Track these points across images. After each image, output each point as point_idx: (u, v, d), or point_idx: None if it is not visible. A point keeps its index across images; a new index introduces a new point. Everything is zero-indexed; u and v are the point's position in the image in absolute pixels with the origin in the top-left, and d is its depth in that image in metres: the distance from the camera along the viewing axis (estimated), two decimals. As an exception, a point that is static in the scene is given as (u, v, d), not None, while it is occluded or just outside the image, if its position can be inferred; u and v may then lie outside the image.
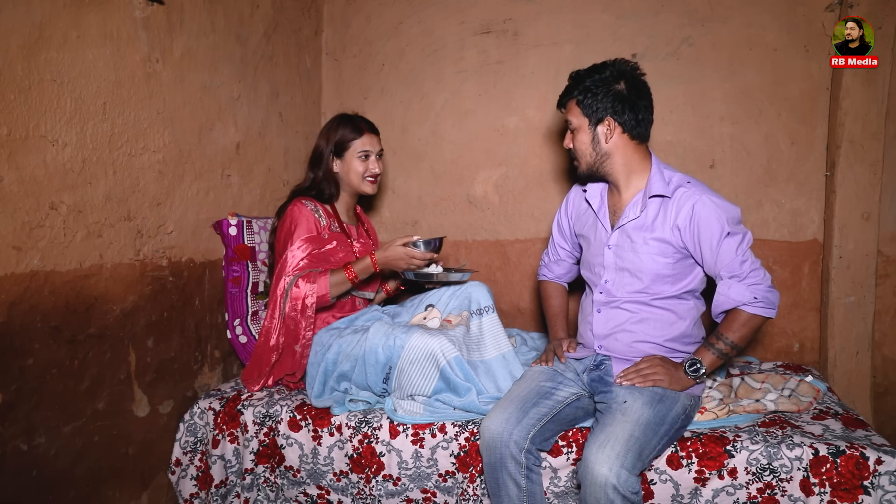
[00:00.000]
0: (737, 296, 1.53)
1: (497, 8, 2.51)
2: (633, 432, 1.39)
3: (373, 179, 2.02)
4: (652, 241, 1.59)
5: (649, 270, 1.60)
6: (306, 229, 1.86)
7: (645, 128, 1.62)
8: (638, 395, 1.49)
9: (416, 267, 1.87)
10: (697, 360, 1.56)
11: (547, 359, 1.76)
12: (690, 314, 1.66)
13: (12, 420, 1.37)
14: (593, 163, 1.64)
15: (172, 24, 1.79)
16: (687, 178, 1.61)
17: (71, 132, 1.47)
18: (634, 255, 1.61)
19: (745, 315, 1.54)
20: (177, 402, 1.89)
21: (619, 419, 1.43)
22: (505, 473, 1.48)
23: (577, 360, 1.73)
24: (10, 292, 1.35)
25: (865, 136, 2.12)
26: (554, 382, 1.63)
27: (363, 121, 2.01)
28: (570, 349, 1.79)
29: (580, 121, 1.62)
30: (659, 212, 1.59)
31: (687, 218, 1.55)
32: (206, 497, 1.83)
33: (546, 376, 1.65)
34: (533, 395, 1.57)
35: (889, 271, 2.21)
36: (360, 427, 1.71)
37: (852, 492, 1.40)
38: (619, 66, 1.59)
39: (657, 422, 1.44)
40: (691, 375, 1.55)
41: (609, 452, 1.34)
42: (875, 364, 2.23)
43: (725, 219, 1.53)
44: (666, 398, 1.50)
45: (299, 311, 1.79)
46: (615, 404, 1.49)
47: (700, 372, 1.55)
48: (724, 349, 1.56)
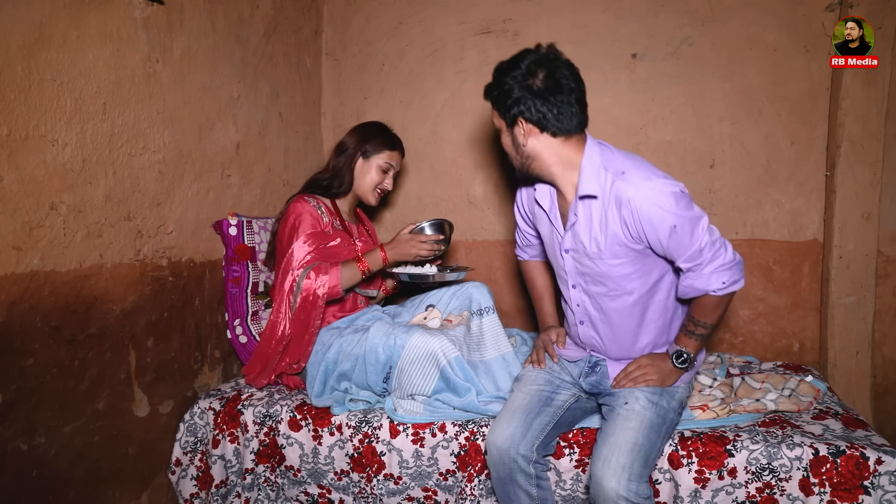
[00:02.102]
0: (703, 285, 1.43)
1: (497, 8, 2.51)
2: (636, 440, 1.37)
3: (380, 193, 2.07)
4: (602, 243, 1.45)
5: (611, 274, 1.49)
6: (310, 225, 1.87)
7: (569, 120, 1.42)
8: (638, 395, 1.48)
9: (427, 251, 1.90)
10: (682, 349, 1.52)
11: (539, 359, 1.70)
12: (673, 300, 1.57)
13: (12, 420, 1.37)
14: (521, 166, 1.52)
15: (172, 24, 1.79)
16: (626, 162, 1.43)
17: (71, 132, 1.47)
18: (590, 260, 1.50)
19: (715, 299, 1.45)
20: (177, 402, 1.89)
21: (622, 426, 1.41)
22: (515, 486, 1.47)
23: (571, 362, 1.68)
24: (10, 292, 1.35)
25: (865, 136, 2.12)
26: (552, 387, 1.60)
27: (398, 139, 2.09)
28: (560, 343, 1.72)
29: (499, 122, 1.51)
30: (602, 212, 1.44)
31: (629, 213, 1.39)
32: (206, 497, 1.83)
33: (544, 380, 1.62)
34: (535, 403, 1.54)
35: (889, 271, 2.21)
36: (360, 426, 1.71)
37: (852, 492, 1.40)
38: (536, 56, 1.42)
39: (659, 422, 1.43)
40: (680, 366, 1.52)
41: (615, 466, 1.33)
42: (875, 364, 2.23)
43: (670, 209, 1.36)
44: (665, 392, 1.50)
45: (311, 302, 1.79)
46: (617, 406, 1.47)
47: (688, 361, 1.52)
48: (703, 332, 1.51)
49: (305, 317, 1.80)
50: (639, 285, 1.50)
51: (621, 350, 1.60)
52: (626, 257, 1.46)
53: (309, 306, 1.79)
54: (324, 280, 1.78)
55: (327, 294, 1.79)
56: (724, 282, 1.42)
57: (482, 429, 1.65)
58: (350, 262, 1.85)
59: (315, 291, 1.78)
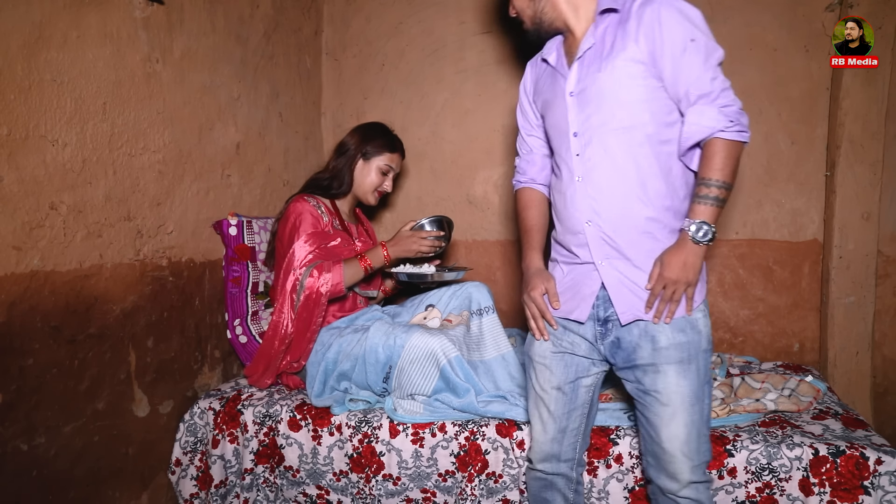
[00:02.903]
0: (711, 121, 1.27)
1: (497, 8, 2.51)
2: (687, 435, 1.27)
3: (380, 194, 2.09)
4: (617, 63, 1.30)
5: (619, 98, 1.31)
6: (311, 224, 1.87)
7: None
8: (667, 370, 1.28)
9: (428, 247, 1.91)
10: (701, 220, 1.26)
11: (540, 328, 1.43)
12: (675, 162, 1.35)
13: (12, 420, 1.37)
14: (535, 14, 1.42)
15: (172, 24, 1.79)
16: None
17: (71, 132, 1.47)
18: (597, 87, 1.33)
19: (723, 143, 1.28)
20: (177, 402, 1.89)
21: (665, 423, 1.28)
22: (553, 490, 1.44)
23: (576, 322, 1.39)
24: (10, 292, 1.35)
25: (865, 136, 2.12)
26: (574, 376, 1.40)
27: (399, 140, 2.10)
28: (554, 303, 1.42)
29: None
30: (617, 30, 1.32)
31: (649, 24, 1.28)
32: (205, 497, 1.83)
33: (562, 365, 1.40)
34: (562, 406, 1.41)
35: (889, 271, 2.21)
36: (359, 427, 1.71)
37: (852, 492, 1.40)
38: None
39: (699, 394, 1.28)
40: (703, 242, 1.26)
41: (673, 475, 1.28)
42: (875, 364, 2.23)
43: (693, 20, 1.27)
44: (692, 349, 1.29)
45: (314, 300, 1.79)
46: (648, 398, 1.31)
47: (711, 234, 1.26)
48: (718, 194, 1.27)
49: (308, 315, 1.80)
50: (649, 119, 1.31)
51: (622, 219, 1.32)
52: (640, 79, 1.30)
53: (312, 304, 1.79)
54: (327, 278, 1.79)
55: (330, 292, 1.80)
56: (733, 120, 1.28)
57: (482, 429, 1.65)
58: (352, 260, 1.86)
59: (318, 289, 1.78)
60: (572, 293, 1.39)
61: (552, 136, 1.46)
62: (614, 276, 1.32)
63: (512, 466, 1.64)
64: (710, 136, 1.28)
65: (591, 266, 1.35)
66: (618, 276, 1.32)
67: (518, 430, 1.63)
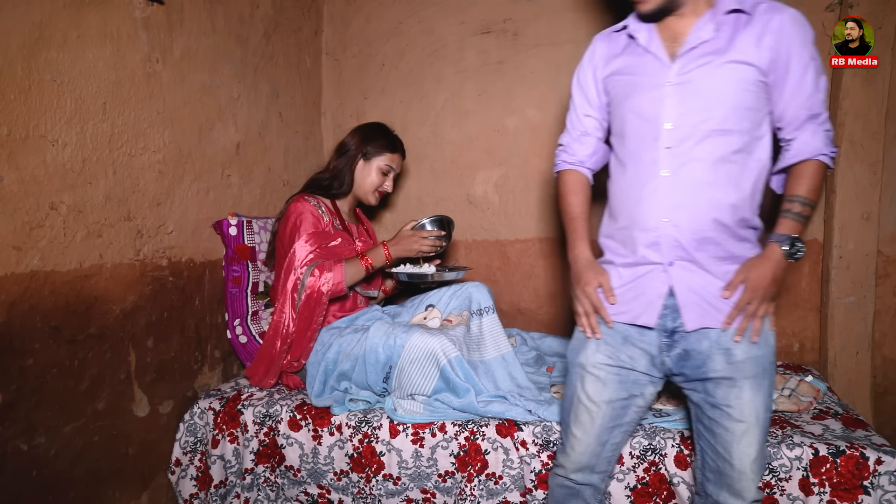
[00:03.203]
0: (820, 144, 1.27)
1: (497, 8, 2.51)
2: (758, 452, 1.24)
3: (380, 194, 2.09)
4: (731, 63, 1.25)
5: (725, 99, 1.25)
6: (312, 224, 1.87)
7: None
8: (743, 384, 1.23)
9: (429, 246, 1.92)
10: (796, 237, 1.26)
11: (592, 325, 1.34)
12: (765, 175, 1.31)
13: (12, 420, 1.37)
14: None
15: (172, 24, 1.79)
16: None
17: (71, 132, 1.47)
18: (706, 83, 1.26)
19: (821, 166, 1.27)
20: (177, 402, 1.89)
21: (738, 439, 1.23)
22: (579, 499, 1.40)
23: (642, 328, 1.30)
24: (10, 292, 1.35)
25: (865, 136, 2.12)
26: (627, 394, 1.33)
27: (400, 141, 2.10)
28: (609, 297, 1.32)
29: None
30: (737, 30, 1.27)
31: (777, 33, 1.24)
32: (205, 497, 1.83)
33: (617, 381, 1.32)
34: (608, 420, 1.34)
35: (889, 271, 2.21)
36: (360, 426, 1.71)
37: (852, 492, 1.40)
38: None
39: (768, 408, 1.25)
40: (794, 258, 1.26)
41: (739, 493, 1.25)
42: (875, 364, 2.23)
43: (811, 41, 1.26)
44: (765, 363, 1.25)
45: (315, 299, 1.79)
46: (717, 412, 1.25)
47: (802, 252, 1.26)
48: (802, 211, 1.27)
49: (309, 314, 1.80)
50: (749, 127, 1.26)
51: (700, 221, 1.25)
52: (752, 85, 1.26)
53: (313, 303, 1.79)
54: (328, 277, 1.79)
55: (332, 291, 1.80)
56: (833, 148, 1.28)
57: (482, 429, 1.65)
58: (353, 259, 1.86)
59: (319, 288, 1.78)
60: (634, 296, 1.30)
61: (628, 120, 1.34)
62: (685, 279, 1.26)
63: (512, 467, 1.63)
64: (812, 158, 1.28)
65: (660, 268, 1.28)
66: (687, 280, 1.26)
67: (518, 430, 1.63)
